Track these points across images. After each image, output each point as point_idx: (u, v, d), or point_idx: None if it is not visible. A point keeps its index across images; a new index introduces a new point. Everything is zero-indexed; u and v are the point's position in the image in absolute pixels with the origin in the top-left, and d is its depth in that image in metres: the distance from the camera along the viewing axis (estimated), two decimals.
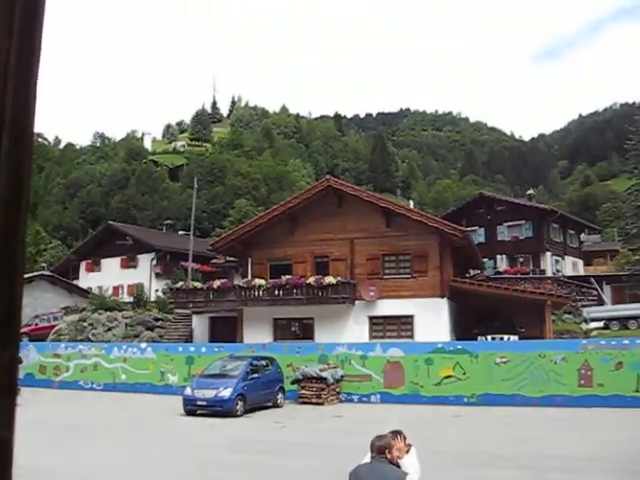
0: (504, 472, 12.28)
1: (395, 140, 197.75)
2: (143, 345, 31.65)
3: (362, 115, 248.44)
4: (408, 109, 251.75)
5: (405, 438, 6.23)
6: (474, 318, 32.35)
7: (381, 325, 31.45)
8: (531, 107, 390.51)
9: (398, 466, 5.90)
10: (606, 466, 12.69)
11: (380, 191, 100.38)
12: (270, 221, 33.77)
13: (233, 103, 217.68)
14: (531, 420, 20.39)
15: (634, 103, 78.21)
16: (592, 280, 48.67)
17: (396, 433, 6.26)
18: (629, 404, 22.17)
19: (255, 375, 23.55)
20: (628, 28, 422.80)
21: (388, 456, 5.79)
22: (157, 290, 47.35)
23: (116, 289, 49.05)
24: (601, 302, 45.08)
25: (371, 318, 31.60)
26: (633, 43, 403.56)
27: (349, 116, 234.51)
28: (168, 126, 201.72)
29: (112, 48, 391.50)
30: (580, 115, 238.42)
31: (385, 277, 31.97)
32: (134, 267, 52.51)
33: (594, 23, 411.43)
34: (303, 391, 25.46)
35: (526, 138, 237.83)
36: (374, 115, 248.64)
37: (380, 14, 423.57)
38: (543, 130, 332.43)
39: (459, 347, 25.79)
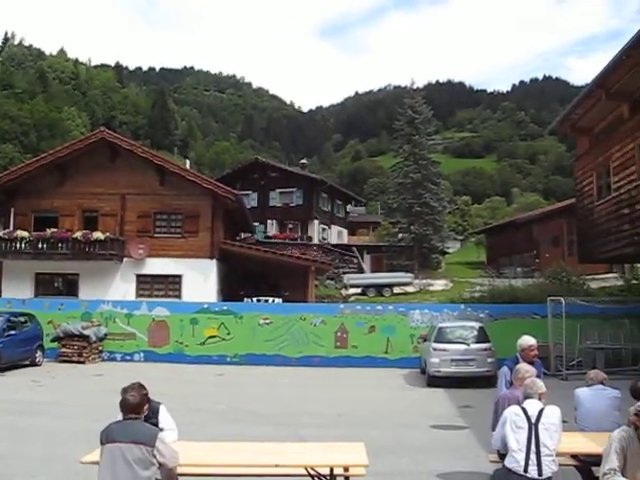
0: (261, 428, 12.85)
1: (177, 97, 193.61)
2: None
3: (145, 68, 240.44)
4: (192, 67, 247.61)
5: (147, 393, 6.00)
6: (242, 280, 33.10)
7: (148, 284, 31.16)
8: (312, 79, 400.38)
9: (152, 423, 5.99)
10: (352, 421, 13.76)
11: (158, 148, 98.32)
12: (37, 170, 31.91)
13: (5, 40, 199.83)
14: (290, 379, 21.37)
15: (405, 86, 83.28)
16: (354, 249, 51.75)
17: (135, 389, 5.97)
18: (379, 364, 24.26)
19: (12, 332, 22.32)
20: (407, 17, 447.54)
21: (141, 414, 5.80)
22: None
23: None
24: (361, 270, 48.07)
25: (139, 276, 31.20)
26: (409, 31, 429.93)
27: (131, 68, 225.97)
28: None
29: None
30: (356, 92, 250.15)
31: (156, 235, 31.62)
32: None
33: (379, 7, 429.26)
34: (64, 349, 24.67)
35: (305, 109, 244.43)
36: (157, 70, 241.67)
37: None
38: (321, 103, 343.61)
39: (225, 308, 26.36)
